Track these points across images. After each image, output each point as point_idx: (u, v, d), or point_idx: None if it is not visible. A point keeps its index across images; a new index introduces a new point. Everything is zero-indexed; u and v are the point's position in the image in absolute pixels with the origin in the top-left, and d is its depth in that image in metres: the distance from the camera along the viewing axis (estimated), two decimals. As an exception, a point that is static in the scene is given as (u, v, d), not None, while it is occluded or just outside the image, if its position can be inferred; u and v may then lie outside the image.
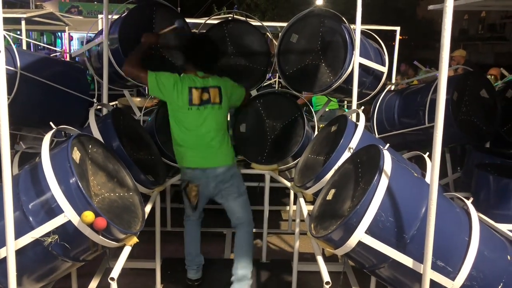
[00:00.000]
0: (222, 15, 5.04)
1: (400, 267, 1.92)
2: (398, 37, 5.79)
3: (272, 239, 4.15)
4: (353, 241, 1.88)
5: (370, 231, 1.86)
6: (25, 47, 5.89)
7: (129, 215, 2.29)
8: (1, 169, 1.70)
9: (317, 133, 3.71)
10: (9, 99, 2.95)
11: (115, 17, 3.62)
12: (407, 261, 1.90)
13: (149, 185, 2.87)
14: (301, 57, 3.60)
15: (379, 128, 3.99)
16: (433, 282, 1.87)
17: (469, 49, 22.68)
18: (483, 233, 2.01)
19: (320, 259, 2.22)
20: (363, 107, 2.97)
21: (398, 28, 5.84)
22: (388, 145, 2.15)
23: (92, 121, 2.74)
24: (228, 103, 3.07)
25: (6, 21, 5.58)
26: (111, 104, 4.35)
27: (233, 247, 3.88)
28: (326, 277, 2.07)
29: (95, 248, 2.09)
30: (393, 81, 5.28)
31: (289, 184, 3.51)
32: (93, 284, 2.93)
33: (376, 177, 1.89)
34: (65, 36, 8.46)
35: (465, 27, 30.80)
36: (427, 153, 2.60)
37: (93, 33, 4.57)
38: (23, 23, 5.89)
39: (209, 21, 4.34)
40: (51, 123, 2.30)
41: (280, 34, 3.68)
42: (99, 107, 3.32)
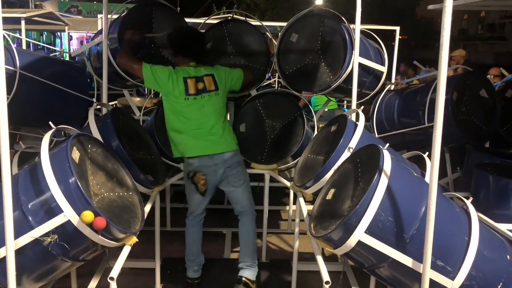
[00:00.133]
0: (221, 15, 5.03)
1: (399, 266, 1.92)
2: (397, 37, 5.80)
3: (271, 239, 4.15)
4: (352, 241, 1.88)
5: (369, 231, 1.86)
6: (24, 47, 5.88)
7: (128, 215, 2.29)
8: (0, 169, 1.70)
9: (316, 133, 3.71)
10: (8, 98, 2.95)
11: (115, 16, 3.62)
12: (407, 260, 1.90)
13: (148, 185, 2.87)
14: (301, 57, 3.59)
15: (379, 128, 3.99)
16: (432, 281, 1.86)
17: (469, 49, 22.66)
18: (482, 233, 2.01)
19: (319, 259, 2.22)
20: (362, 107, 2.97)
21: (397, 28, 5.85)
22: (387, 144, 2.15)
23: (91, 120, 2.74)
24: (224, 88, 3.10)
25: (5, 20, 5.59)
26: (111, 103, 4.34)
27: (233, 247, 3.90)
28: (325, 277, 2.07)
29: (94, 247, 2.09)
30: (393, 81, 5.29)
31: (288, 183, 3.51)
32: (93, 283, 2.93)
33: (375, 177, 1.89)
34: (66, 35, 8.44)
35: (465, 27, 30.80)
36: (427, 153, 2.60)
37: (93, 33, 4.57)
38: (23, 22, 5.89)
39: (208, 21, 4.33)
40: (50, 123, 2.30)
41: (279, 33, 3.68)
42: (98, 107, 3.32)
